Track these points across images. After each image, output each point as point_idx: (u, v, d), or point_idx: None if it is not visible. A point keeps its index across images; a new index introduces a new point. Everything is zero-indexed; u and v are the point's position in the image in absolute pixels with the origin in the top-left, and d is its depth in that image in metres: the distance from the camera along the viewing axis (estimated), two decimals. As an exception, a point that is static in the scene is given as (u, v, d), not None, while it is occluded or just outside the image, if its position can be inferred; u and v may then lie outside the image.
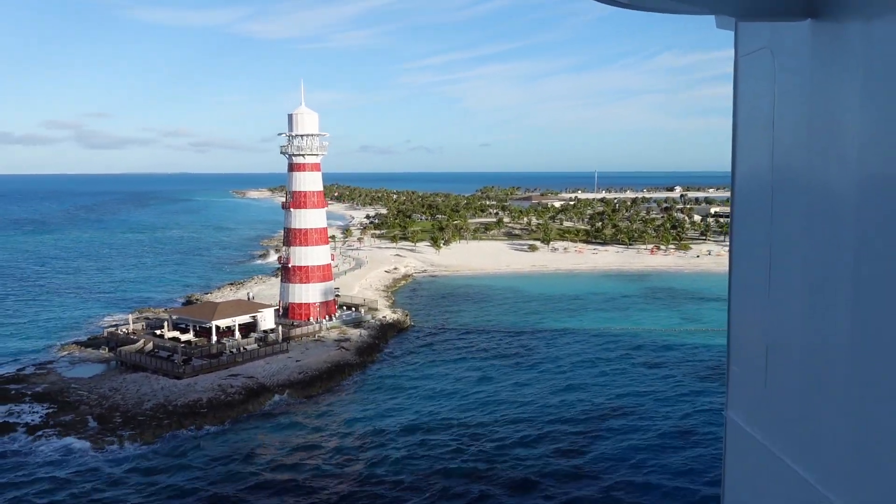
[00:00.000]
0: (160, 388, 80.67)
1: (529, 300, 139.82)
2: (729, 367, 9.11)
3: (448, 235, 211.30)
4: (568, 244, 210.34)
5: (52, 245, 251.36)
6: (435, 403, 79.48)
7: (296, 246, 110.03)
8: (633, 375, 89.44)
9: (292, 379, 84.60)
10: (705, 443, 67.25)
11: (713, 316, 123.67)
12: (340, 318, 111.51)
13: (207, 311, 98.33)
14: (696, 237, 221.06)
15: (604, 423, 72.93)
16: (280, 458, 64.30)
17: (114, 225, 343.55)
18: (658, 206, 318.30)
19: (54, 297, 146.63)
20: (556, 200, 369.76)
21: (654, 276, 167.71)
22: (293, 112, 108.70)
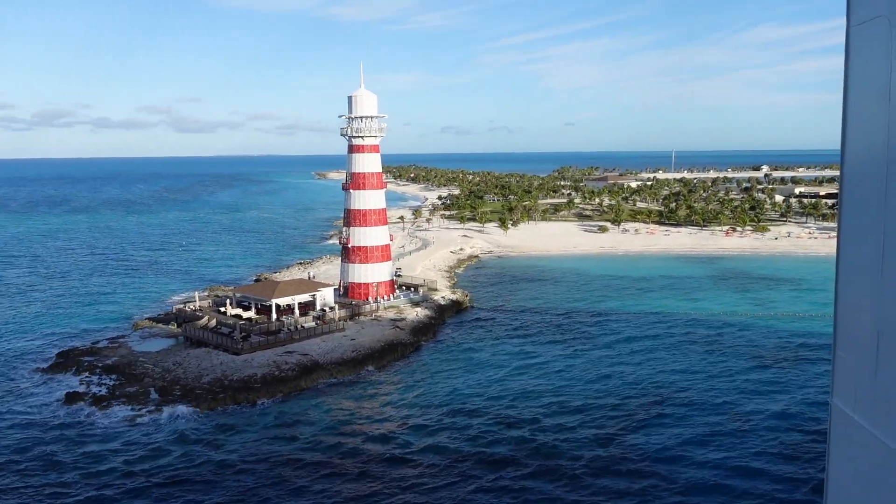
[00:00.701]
0: (219, 363, 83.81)
1: (592, 282, 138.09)
2: (835, 354, 8.79)
3: (517, 216, 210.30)
4: (639, 225, 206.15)
5: (139, 224, 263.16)
6: (483, 385, 79.73)
7: (355, 226, 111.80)
8: (689, 361, 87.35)
9: (345, 357, 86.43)
10: (758, 430, 65.38)
11: (784, 301, 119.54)
12: (399, 297, 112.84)
13: (268, 290, 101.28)
14: (776, 219, 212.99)
15: (651, 409, 71.71)
16: (322, 435, 65.93)
17: (197, 206, 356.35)
18: (738, 187, 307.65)
19: (135, 273, 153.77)
20: (632, 181, 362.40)
21: (726, 259, 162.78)
22: (352, 94, 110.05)
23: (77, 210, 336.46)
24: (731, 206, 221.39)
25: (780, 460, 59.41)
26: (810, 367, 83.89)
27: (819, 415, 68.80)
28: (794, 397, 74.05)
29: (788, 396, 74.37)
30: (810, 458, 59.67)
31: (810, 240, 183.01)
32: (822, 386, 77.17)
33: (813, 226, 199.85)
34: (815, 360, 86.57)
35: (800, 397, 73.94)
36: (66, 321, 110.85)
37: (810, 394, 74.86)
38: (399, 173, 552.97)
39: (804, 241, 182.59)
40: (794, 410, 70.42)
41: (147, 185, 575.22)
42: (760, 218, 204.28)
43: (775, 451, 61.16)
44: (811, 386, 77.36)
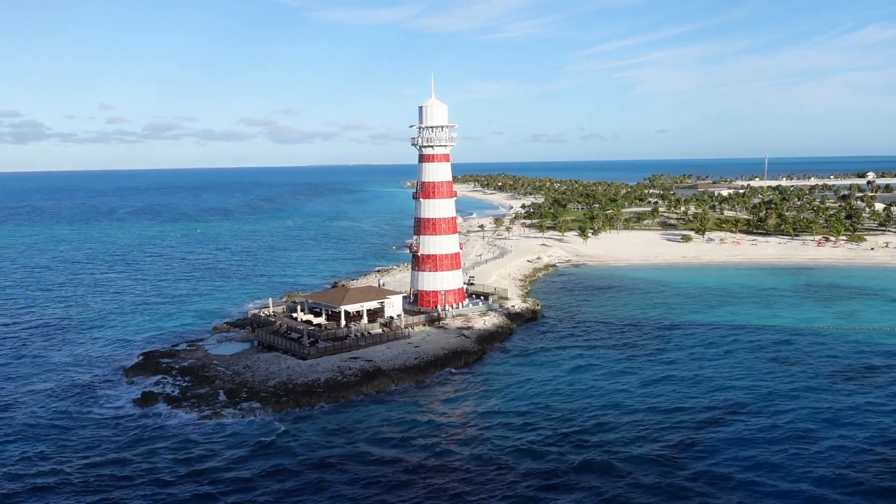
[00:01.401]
0: (286, 367, 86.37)
1: (668, 293, 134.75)
2: None
3: (598, 225, 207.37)
4: (725, 234, 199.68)
5: (231, 232, 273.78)
6: (542, 395, 79.09)
7: (425, 235, 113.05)
8: (758, 376, 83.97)
9: (408, 364, 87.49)
10: (825, 454, 62.33)
11: (873, 314, 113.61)
12: (468, 305, 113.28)
13: (338, 297, 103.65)
14: (875, 228, 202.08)
15: (711, 427, 69.41)
16: (374, 442, 66.95)
17: (287, 214, 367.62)
18: (835, 195, 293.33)
19: (221, 279, 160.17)
20: (724, 188, 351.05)
21: (815, 271, 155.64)
22: (423, 104, 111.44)
23: (175, 218, 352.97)
24: (826, 215, 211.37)
25: (854, 490, 56.46)
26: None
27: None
28: (871, 420, 70.16)
29: (867, 418, 70.52)
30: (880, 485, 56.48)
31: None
32: (904, 406, 72.91)
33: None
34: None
35: (877, 420, 70.00)
36: (152, 324, 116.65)
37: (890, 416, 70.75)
38: (487, 182, 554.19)
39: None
40: (870, 434, 66.72)
41: (243, 195, 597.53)
42: (856, 227, 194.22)
43: (841, 476, 58.15)
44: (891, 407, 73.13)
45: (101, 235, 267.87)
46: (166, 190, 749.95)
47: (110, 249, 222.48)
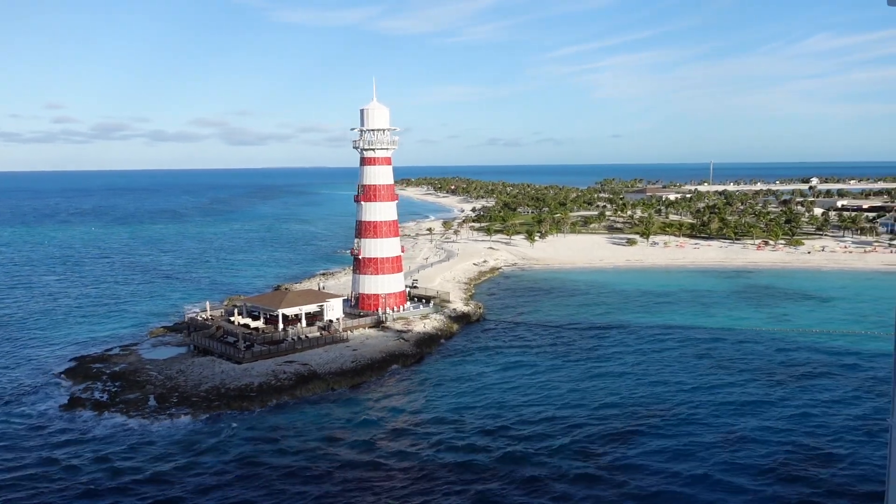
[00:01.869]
0: (220, 371, 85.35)
1: (610, 295, 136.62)
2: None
3: (545, 229, 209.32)
4: (669, 238, 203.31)
5: (178, 234, 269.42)
6: (476, 396, 79.56)
7: (366, 238, 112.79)
8: (690, 375, 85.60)
9: (344, 367, 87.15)
10: (745, 447, 63.88)
11: (803, 316, 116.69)
12: (409, 309, 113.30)
13: (276, 300, 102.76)
14: (813, 232, 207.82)
15: (638, 423, 70.60)
16: (305, 443, 66.59)
17: (238, 216, 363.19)
18: (777, 199, 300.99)
19: (163, 282, 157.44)
20: (671, 193, 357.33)
21: (753, 274, 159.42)
22: (364, 107, 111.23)
23: (120, 220, 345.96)
24: (767, 220, 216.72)
25: (763, 478, 57.96)
26: (816, 382, 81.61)
27: (815, 434, 66.93)
28: (790, 414, 72.10)
29: (782, 412, 72.45)
30: (795, 476, 58.10)
31: (845, 254, 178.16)
32: (826, 403, 75.08)
33: (849, 240, 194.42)
34: (821, 375, 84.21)
35: (799, 414, 71.96)
36: (87, 328, 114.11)
37: (813, 412, 72.75)
38: (440, 185, 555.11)
39: (838, 255, 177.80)
40: (787, 427, 68.56)
41: (193, 197, 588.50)
42: (795, 231, 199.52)
43: (760, 467, 59.68)
44: (816, 404, 75.21)
45: (42, 238, 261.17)
46: (114, 191, 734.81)
47: (50, 252, 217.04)
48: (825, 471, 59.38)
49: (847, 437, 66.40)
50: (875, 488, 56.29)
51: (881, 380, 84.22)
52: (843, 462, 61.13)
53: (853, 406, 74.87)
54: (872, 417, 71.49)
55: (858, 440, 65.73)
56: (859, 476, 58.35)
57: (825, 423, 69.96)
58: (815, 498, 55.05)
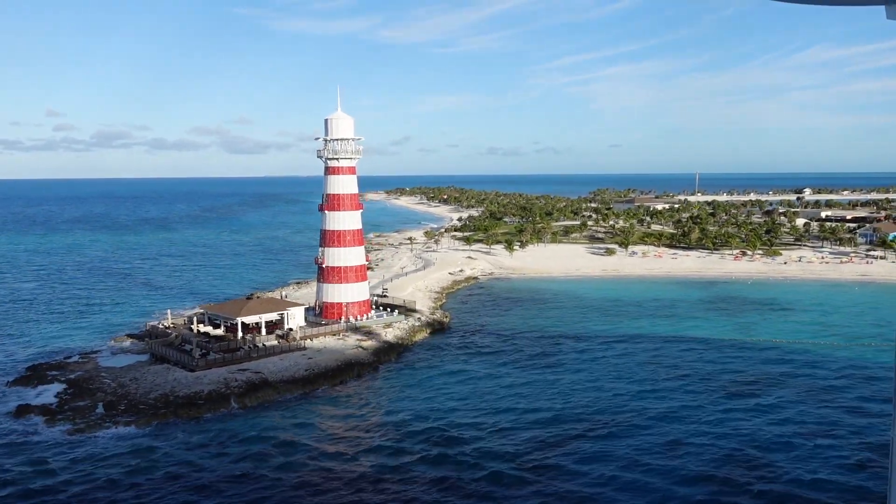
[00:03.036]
0: (173, 379, 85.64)
1: (581, 305, 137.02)
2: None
3: (526, 238, 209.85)
4: (648, 248, 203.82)
5: (163, 241, 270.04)
6: (427, 404, 79.86)
7: (330, 247, 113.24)
8: (644, 385, 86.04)
9: (296, 376, 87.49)
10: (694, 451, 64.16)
11: (768, 326, 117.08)
12: (372, 317, 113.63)
13: (236, 308, 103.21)
14: (792, 243, 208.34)
15: (583, 432, 70.91)
16: (246, 452, 66.82)
17: (226, 224, 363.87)
18: (760, 209, 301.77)
19: (138, 289, 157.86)
20: (660, 203, 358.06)
21: (727, 284, 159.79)
22: (328, 117, 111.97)
23: (109, 228, 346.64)
24: (747, 230, 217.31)
25: (690, 485, 58.26)
26: (765, 392, 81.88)
27: (753, 443, 67.21)
28: (731, 422, 72.37)
29: (724, 420, 72.74)
30: (724, 484, 58.39)
31: (821, 265, 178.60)
32: (771, 413, 75.31)
33: (827, 251, 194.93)
34: (771, 385, 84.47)
35: (741, 423, 72.24)
36: (52, 335, 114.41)
37: (757, 421, 73.00)
38: (433, 194, 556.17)
39: (814, 266, 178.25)
40: (725, 435, 68.82)
41: (186, 205, 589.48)
42: (773, 242, 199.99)
43: (689, 475, 59.95)
44: (760, 413, 75.46)
45: (30, 244, 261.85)
46: (109, 199, 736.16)
47: (33, 259, 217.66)
48: (756, 480, 59.62)
49: (785, 447, 66.63)
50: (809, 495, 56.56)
51: (830, 389, 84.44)
52: (777, 471, 61.32)
53: (799, 416, 75.10)
54: (815, 426, 71.74)
55: (797, 451, 65.94)
56: (787, 482, 58.60)
57: (766, 432, 70.25)
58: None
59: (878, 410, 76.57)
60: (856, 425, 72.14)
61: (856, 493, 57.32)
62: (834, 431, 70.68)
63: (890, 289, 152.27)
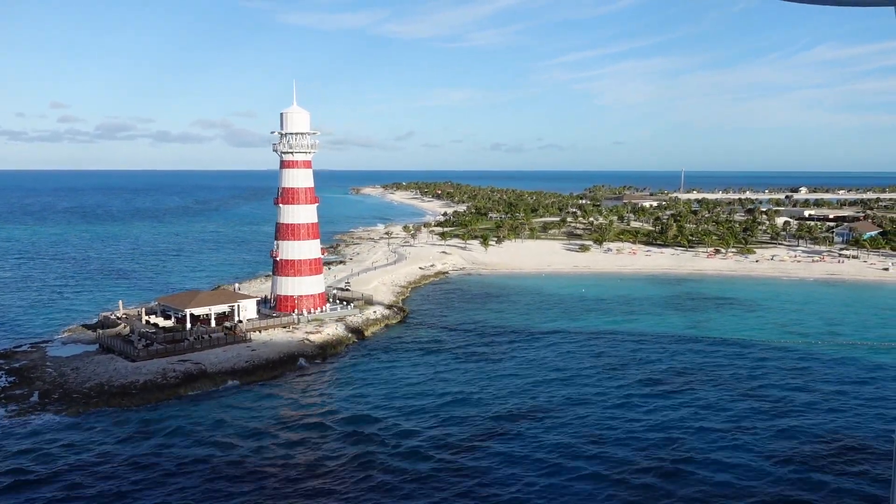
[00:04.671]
0: (113, 368, 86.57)
1: (543, 301, 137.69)
2: None
3: (502, 234, 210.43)
4: (623, 245, 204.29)
5: (148, 233, 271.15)
6: (361, 397, 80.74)
7: (285, 240, 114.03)
8: (580, 376, 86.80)
9: (236, 367, 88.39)
10: (618, 446, 64.92)
11: (724, 323, 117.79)
12: (326, 311, 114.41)
13: (186, 300, 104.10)
14: (767, 241, 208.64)
15: (505, 421, 71.73)
16: (169, 440, 67.79)
17: (215, 217, 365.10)
18: (743, 208, 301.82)
19: (108, 280, 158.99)
20: (650, 200, 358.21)
21: (694, 281, 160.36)
22: (284, 111, 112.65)
23: (97, 218, 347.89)
24: (724, 228, 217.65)
25: (599, 482, 59.04)
26: (699, 388, 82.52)
27: (679, 439, 67.91)
28: (660, 417, 73.10)
29: (652, 415, 73.47)
30: (645, 479, 59.14)
31: (792, 263, 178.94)
32: (701, 409, 75.90)
33: (800, 249, 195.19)
34: (706, 382, 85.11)
35: (669, 418, 72.93)
36: (9, 324, 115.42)
37: (685, 417, 73.63)
38: (427, 190, 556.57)
39: (786, 264, 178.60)
40: (651, 430, 69.58)
41: (181, 197, 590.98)
42: (748, 240, 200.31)
43: (613, 466, 60.74)
44: (691, 408, 76.12)
45: (15, 234, 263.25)
46: (108, 191, 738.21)
47: (15, 247, 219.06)
48: (677, 475, 60.30)
49: (707, 444, 67.20)
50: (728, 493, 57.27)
51: (771, 386, 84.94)
52: (700, 468, 61.82)
53: (728, 412, 75.67)
54: (740, 422, 72.36)
55: (720, 447, 66.50)
56: (715, 483, 59.23)
57: (692, 428, 70.94)
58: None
59: (806, 401, 77.21)
60: (777, 419, 72.80)
61: (778, 484, 58.05)
62: (754, 427, 71.34)
63: (855, 288, 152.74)
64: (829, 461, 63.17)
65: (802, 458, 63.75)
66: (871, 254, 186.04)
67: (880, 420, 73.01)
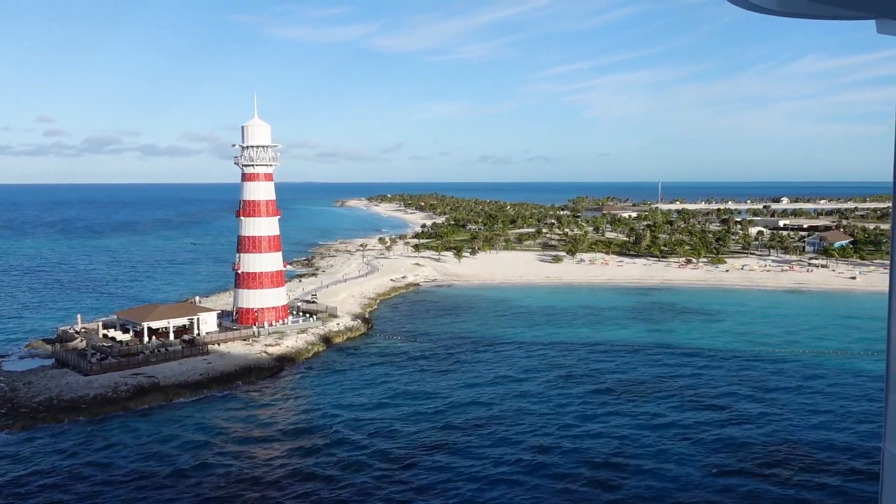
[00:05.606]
0: (65, 382, 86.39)
1: (508, 312, 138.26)
2: (888, 397, 8.22)
3: (477, 245, 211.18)
4: (596, 256, 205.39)
5: (120, 247, 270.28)
6: (311, 412, 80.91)
7: (246, 253, 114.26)
8: (537, 389, 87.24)
9: (190, 380, 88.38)
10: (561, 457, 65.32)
11: (685, 333, 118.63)
12: (287, 323, 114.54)
13: (145, 313, 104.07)
14: (739, 251, 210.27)
15: (462, 437, 72.04)
16: (111, 456, 67.70)
17: (196, 230, 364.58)
18: (717, 218, 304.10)
19: (79, 293, 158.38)
20: (626, 211, 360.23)
21: (662, 291, 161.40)
22: (245, 124, 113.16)
23: (75, 232, 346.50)
24: (697, 238, 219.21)
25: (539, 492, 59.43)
26: (652, 397, 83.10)
27: (624, 447, 68.40)
28: (608, 426, 73.59)
29: (605, 426, 73.97)
30: (588, 488, 59.56)
31: (761, 273, 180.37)
32: (651, 418, 76.47)
33: (770, 259, 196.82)
34: (658, 391, 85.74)
35: (621, 426, 73.44)
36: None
37: (633, 427, 74.13)
38: (410, 201, 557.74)
39: (755, 274, 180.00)
40: (597, 437, 70.05)
41: (165, 210, 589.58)
42: (719, 250, 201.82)
43: (554, 476, 61.14)
44: (641, 417, 76.66)
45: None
46: (92, 205, 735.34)
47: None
48: (618, 485, 60.75)
49: (650, 453, 67.72)
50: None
51: (722, 395, 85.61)
52: (643, 477, 62.22)
53: (675, 421, 76.26)
54: (686, 431, 72.93)
55: (665, 456, 66.99)
56: (656, 492, 59.70)
57: (636, 437, 71.45)
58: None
59: (753, 410, 77.92)
60: (723, 427, 73.43)
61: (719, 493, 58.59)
62: (700, 436, 71.93)
63: (820, 296, 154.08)
64: (774, 470, 63.80)
65: (745, 468, 64.32)
66: (839, 263, 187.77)
67: (824, 429, 73.88)
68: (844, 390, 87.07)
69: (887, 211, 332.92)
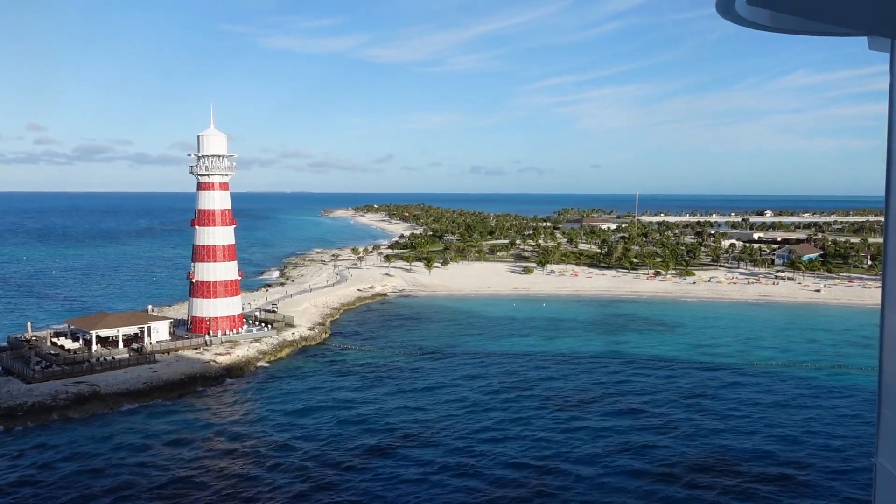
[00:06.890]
0: (6, 390, 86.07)
1: (472, 322, 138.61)
2: (880, 412, 8.15)
3: (449, 256, 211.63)
4: (566, 267, 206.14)
5: (95, 255, 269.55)
6: (261, 419, 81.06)
7: (201, 262, 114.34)
8: (483, 400, 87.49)
9: (132, 388, 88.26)
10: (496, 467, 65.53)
11: (642, 344, 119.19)
12: (241, 332, 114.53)
13: (94, 322, 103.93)
14: (709, 263, 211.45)
15: (399, 445, 72.22)
16: (37, 464, 67.62)
17: (176, 238, 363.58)
18: (691, 230, 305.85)
19: (35, 301, 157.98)
20: (606, 222, 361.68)
21: (627, 302, 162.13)
22: (201, 133, 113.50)
23: (58, 240, 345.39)
24: (670, 250, 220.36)
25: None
26: (594, 408, 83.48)
27: (561, 458, 68.70)
28: (545, 437, 73.91)
29: (549, 434, 74.27)
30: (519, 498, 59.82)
31: (728, 285, 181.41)
32: (589, 430, 76.79)
33: (738, 271, 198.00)
34: (600, 401, 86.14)
35: (564, 434, 73.76)
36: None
37: (575, 436, 74.45)
38: (394, 212, 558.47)
39: (722, 286, 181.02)
40: (535, 448, 70.35)
41: (148, 219, 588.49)
42: (689, 262, 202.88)
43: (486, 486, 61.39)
44: (582, 425, 76.98)
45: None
46: (78, 213, 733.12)
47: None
48: (554, 496, 61.05)
49: (590, 462, 68.08)
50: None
51: (667, 403, 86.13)
52: (584, 489, 62.47)
53: (619, 431, 76.62)
54: (628, 441, 73.30)
55: (604, 465, 67.36)
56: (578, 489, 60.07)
57: (577, 447, 71.80)
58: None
59: (694, 428, 78.36)
60: (666, 437, 73.84)
61: None
62: (643, 446, 72.31)
63: (783, 308, 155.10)
64: (711, 479, 64.22)
65: (687, 479, 64.65)
66: (806, 276, 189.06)
67: (772, 440, 74.43)
68: (788, 400, 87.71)
69: (863, 224, 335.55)
